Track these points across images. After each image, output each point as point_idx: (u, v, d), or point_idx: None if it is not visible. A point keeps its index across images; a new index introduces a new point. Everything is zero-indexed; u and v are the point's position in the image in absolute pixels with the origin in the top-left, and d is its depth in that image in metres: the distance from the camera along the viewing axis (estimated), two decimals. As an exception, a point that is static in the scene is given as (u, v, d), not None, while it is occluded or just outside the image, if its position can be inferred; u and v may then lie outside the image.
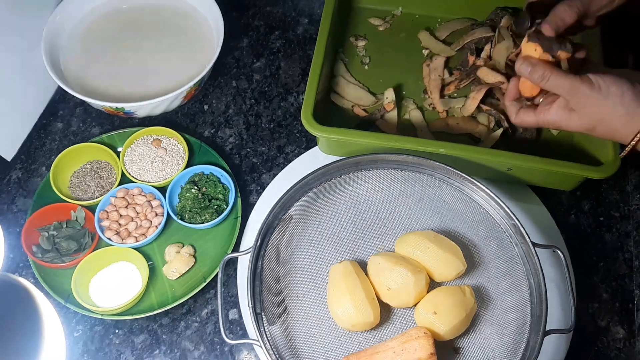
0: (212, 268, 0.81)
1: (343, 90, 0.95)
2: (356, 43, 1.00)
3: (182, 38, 0.97)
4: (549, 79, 0.68)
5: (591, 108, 0.67)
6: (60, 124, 0.96)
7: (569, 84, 0.67)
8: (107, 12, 0.99)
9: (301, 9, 1.07)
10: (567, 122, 0.70)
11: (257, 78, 1.00)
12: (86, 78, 0.93)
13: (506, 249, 0.75)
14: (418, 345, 0.67)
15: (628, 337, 0.80)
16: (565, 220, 0.87)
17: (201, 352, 0.79)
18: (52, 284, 0.80)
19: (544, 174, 0.83)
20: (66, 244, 0.81)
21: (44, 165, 0.92)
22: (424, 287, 0.72)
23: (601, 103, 0.66)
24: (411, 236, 0.75)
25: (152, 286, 0.81)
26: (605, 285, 0.83)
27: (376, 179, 0.80)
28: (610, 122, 0.67)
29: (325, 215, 0.79)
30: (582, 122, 0.69)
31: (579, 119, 0.69)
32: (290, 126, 0.95)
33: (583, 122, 0.69)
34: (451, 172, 0.78)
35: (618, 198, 0.89)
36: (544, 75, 0.68)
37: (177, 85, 0.90)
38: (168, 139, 0.90)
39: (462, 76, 0.94)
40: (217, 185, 0.86)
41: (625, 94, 0.66)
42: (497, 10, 0.98)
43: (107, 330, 0.80)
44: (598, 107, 0.67)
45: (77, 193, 0.86)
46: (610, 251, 0.86)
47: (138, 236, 0.83)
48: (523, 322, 0.71)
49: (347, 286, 0.71)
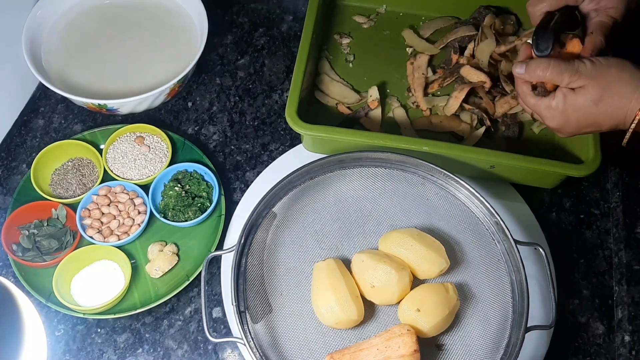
0: (196, 266, 0.81)
1: (327, 88, 0.95)
2: (340, 41, 1.00)
3: (165, 34, 0.97)
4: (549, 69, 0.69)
5: (596, 77, 0.67)
6: (42, 121, 0.94)
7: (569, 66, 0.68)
8: (90, 7, 0.98)
9: (285, 6, 1.06)
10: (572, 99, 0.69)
11: (241, 75, 1.00)
12: (68, 74, 0.92)
13: (489, 246, 0.76)
14: (401, 342, 0.67)
15: (607, 333, 0.81)
16: (546, 217, 0.88)
17: (185, 350, 0.79)
18: (33, 283, 0.79)
19: (526, 172, 0.84)
20: (47, 242, 0.81)
21: (25, 163, 0.91)
22: (407, 284, 0.72)
23: (606, 71, 0.67)
24: (395, 234, 0.75)
25: (134, 285, 0.80)
26: (585, 282, 0.84)
27: (360, 176, 0.81)
28: (617, 87, 0.67)
29: (309, 213, 0.79)
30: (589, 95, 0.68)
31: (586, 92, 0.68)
32: (275, 124, 0.95)
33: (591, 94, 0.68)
34: (434, 170, 0.78)
35: (598, 196, 0.91)
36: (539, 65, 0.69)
37: (160, 82, 0.89)
38: (151, 136, 0.89)
39: (446, 74, 0.94)
40: (200, 183, 0.86)
41: (626, 63, 0.67)
42: (480, 9, 0.98)
43: (89, 330, 0.79)
44: (604, 75, 0.67)
45: (59, 191, 0.85)
46: (591, 248, 0.87)
47: (120, 234, 0.82)
48: (505, 319, 0.72)
49: (331, 284, 0.71)
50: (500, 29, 0.97)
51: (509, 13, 1.00)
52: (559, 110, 0.70)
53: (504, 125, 0.91)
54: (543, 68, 0.69)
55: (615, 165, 0.92)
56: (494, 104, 0.91)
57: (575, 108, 0.69)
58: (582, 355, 0.80)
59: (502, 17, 0.98)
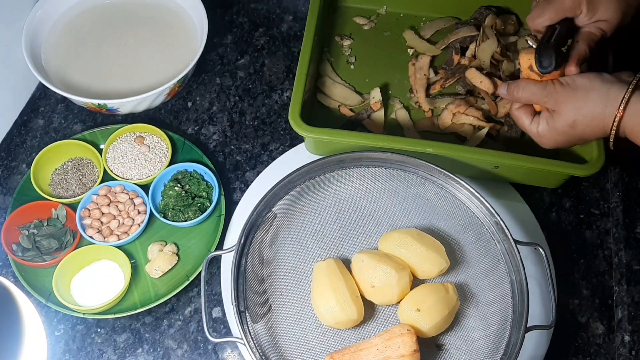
0: (196, 266, 0.81)
1: (329, 90, 0.95)
2: (341, 42, 1.00)
3: (165, 34, 0.97)
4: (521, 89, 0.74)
5: (566, 104, 0.70)
6: (42, 121, 0.94)
7: (540, 88, 0.72)
8: (90, 7, 0.98)
9: (285, 6, 1.06)
10: (552, 125, 0.73)
11: (241, 75, 1.00)
12: (68, 74, 0.92)
13: (488, 246, 0.76)
14: (401, 342, 0.67)
15: (607, 333, 0.81)
16: (546, 217, 0.88)
17: (184, 350, 0.79)
18: (33, 283, 0.79)
19: (530, 172, 0.84)
20: (47, 242, 0.80)
21: (25, 163, 0.91)
22: (407, 284, 0.72)
23: (573, 94, 0.70)
24: (394, 234, 0.75)
25: (134, 285, 0.80)
26: (585, 282, 0.84)
27: (360, 176, 0.81)
28: (586, 110, 0.69)
29: (309, 213, 0.79)
30: (563, 120, 0.71)
31: (560, 118, 0.72)
32: (275, 124, 0.95)
33: (564, 120, 0.71)
34: (434, 170, 0.78)
35: (598, 196, 0.91)
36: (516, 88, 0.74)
37: (160, 81, 0.89)
38: (151, 136, 0.89)
39: (447, 75, 0.94)
40: (200, 183, 0.86)
41: (593, 80, 0.70)
42: (481, 9, 0.98)
43: (89, 330, 0.79)
44: (572, 99, 0.70)
45: (58, 191, 0.85)
46: (591, 248, 0.87)
47: (120, 234, 0.82)
48: (505, 319, 0.72)
49: (331, 284, 0.71)
50: (502, 29, 0.97)
51: (509, 13, 1.00)
52: (545, 135, 0.75)
53: (507, 125, 0.91)
54: (520, 89, 0.74)
55: (615, 165, 0.92)
56: (496, 104, 0.91)
57: (557, 132, 0.73)
58: (582, 355, 0.80)
59: (503, 17, 0.98)
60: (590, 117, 0.69)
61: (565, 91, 0.71)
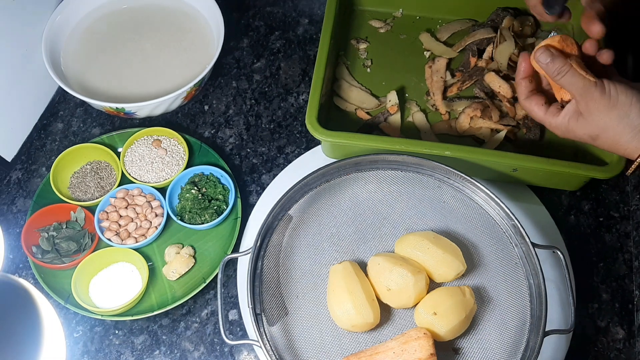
0: (212, 269, 0.81)
1: (346, 93, 0.95)
2: (357, 46, 1.00)
3: (182, 38, 0.98)
4: (565, 74, 0.66)
5: (598, 114, 0.66)
6: (61, 125, 0.96)
7: (582, 84, 0.66)
8: (108, 12, 0.99)
9: (301, 9, 1.07)
10: (573, 127, 0.68)
11: (257, 78, 1.00)
12: (86, 78, 0.93)
13: (506, 249, 0.75)
14: (418, 346, 0.67)
15: (628, 338, 0.80)
16: (565, 220, 0.87)
17: (201, 352, 0.79)
18: (52, 284, 0.80)
19: (549, 175, 0.83)
20: (66, 244, 0.81)
21: (44, 166, 0.92)
22: (423, 287, 0.72)
23: (608, 110, 0.65)
24: (411, 237, 0.75)
25: (152, 287, 0.81)
26: (605, 286, 0.83)
27: (376, 179, 0.80)
28: (614, 132, 0.66)
29: (325, 215, 0.79)
30: (586, 129, 0.68)
31: (585, 125, 0.68)
32: (291, 126, 0.95)
33: (587, 129, 0.68)
34: (451, 173, 0.78)
35: (618, 198, 0.89)
36: (562, 70, 0.67)
37: (177, 85, 0.90)
38: (168, 139, 0.90)
39: (464, 77, 0.94)
40: (217, 186, 0.86)
41: (634, 105, 0.65)
42: (498, 11, 0.98)
43: (107, 331, 0.80)
44: (604, 114, 0.66)
45: (77, 194, 0.86)
46: (610, 251, 0.86)
47: (138, 237, 0.83)
48: (523, 323, 0.71)
49: (347, 287, 0.71)
50: (519, 30, 0.96)
51: (527, 14, 0.99)
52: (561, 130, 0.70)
53: (525, 127, 0.90)
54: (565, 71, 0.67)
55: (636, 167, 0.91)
56: (514, 107, 0.91)
57: (576, 135, 0.69)
58: (602, 361, 0.79)
59: (520, 19, 0.97)
60: (615, 140, 0.66)
61: (602, 101, 0.65)
